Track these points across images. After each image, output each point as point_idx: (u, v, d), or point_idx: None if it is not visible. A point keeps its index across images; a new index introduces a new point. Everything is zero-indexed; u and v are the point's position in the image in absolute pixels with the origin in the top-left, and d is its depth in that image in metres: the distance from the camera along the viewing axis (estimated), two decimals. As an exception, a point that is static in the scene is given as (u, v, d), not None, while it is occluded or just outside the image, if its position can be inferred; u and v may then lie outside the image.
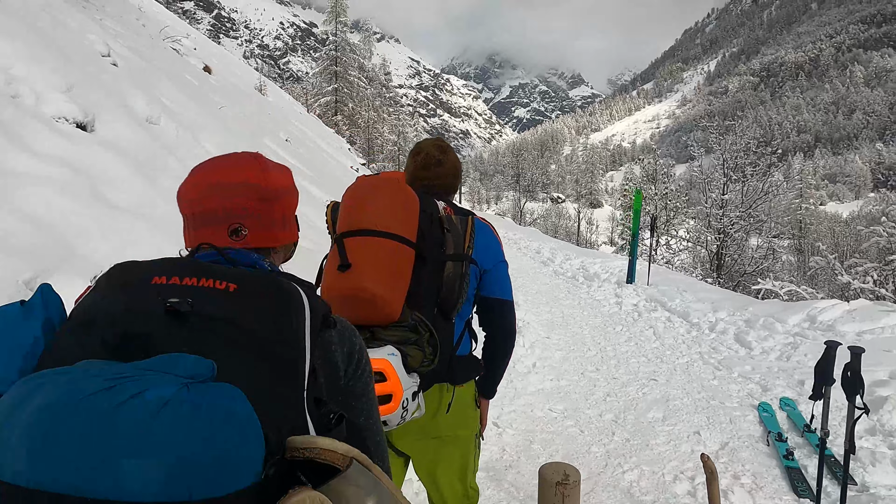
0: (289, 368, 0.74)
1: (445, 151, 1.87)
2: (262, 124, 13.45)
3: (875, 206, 78.36)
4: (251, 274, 0.81)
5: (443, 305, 1.61)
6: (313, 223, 7.03)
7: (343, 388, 0.88)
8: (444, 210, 1.67)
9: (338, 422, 0.78)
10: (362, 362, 0.92)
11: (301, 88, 54.99)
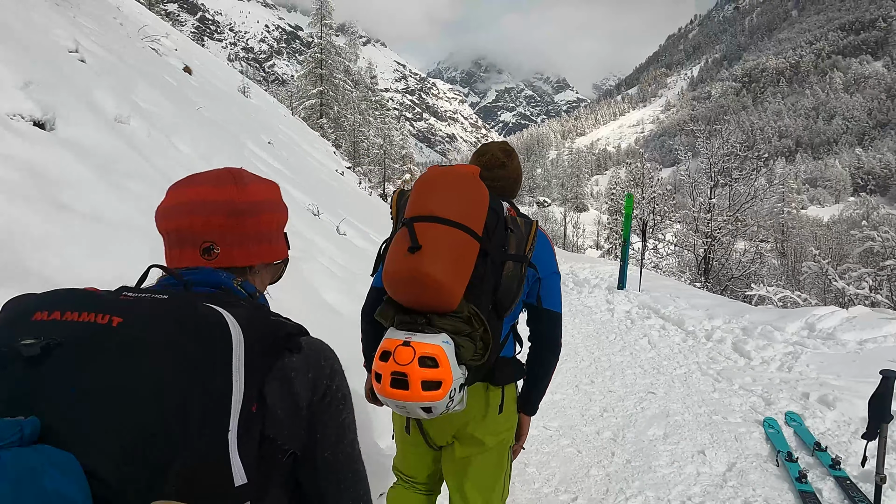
0: (184, 406, 0.65)
1: (510, 156, 1.93)
2: (243, 126, 13.09)
3: (856, 210, 79.63)
4: (158, 303, 0.73)
5: (497, 304, 1.59)
6: (296, 229, 6.72)
7: (306, 417, 0.81)
8: (508, 211, 1.68)
9: (286, 460, 0.74)
10: (332, 388, 0.84)
11: (286, 91, 54.48)
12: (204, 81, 16.88)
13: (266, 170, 9.27)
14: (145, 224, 4.19)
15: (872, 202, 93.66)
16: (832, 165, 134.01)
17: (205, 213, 0.87)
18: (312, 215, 8.74)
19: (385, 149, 48.09)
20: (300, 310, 4.25)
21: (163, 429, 0.63)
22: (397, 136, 57.18)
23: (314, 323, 4.01)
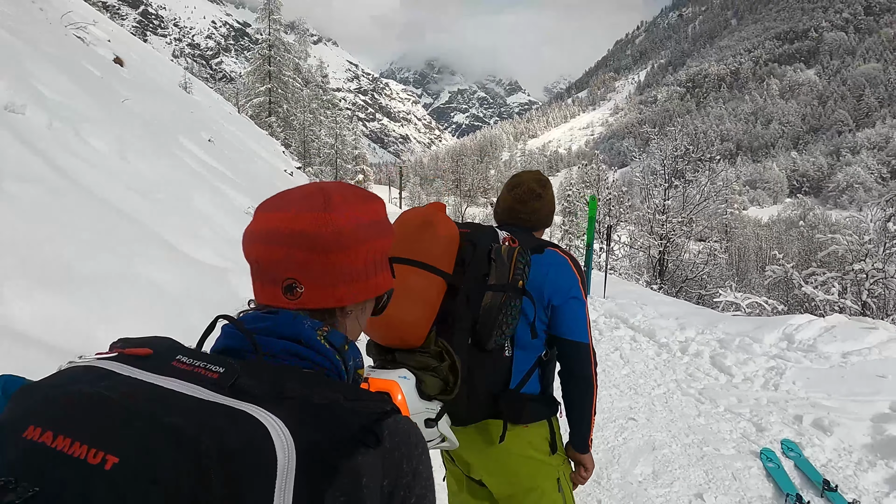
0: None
1: (545, 186, 1.88)
2: (181, 123, 12.08)
3: (793, 211, 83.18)
4: (191, 410, 0.55)
5: (476, 335, 1.55)
6: (230, 235, 5.94)
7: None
8: (505, 240, 1.63)
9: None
10: (413, 488, 0.65)
11: (233, 88, 52.56)
12: (138, 74, 15.67)
13: (201, 169, 8.41)
14: (26, 236, 3.40)
15: (808, 203, 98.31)
16: (770, 168, 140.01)
17: (285, 244, 0.72)
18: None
19: (337, 148, 46.95)
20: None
21: None
22: (350, 135, 56.05)
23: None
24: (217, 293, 4.12)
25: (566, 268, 1.69)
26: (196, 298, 3.82)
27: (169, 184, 5.98)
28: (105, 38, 17.84)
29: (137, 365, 0.60)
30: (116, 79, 11.14)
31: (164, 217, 4.96)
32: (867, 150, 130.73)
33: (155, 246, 4.16)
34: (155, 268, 3.75)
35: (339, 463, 0.56)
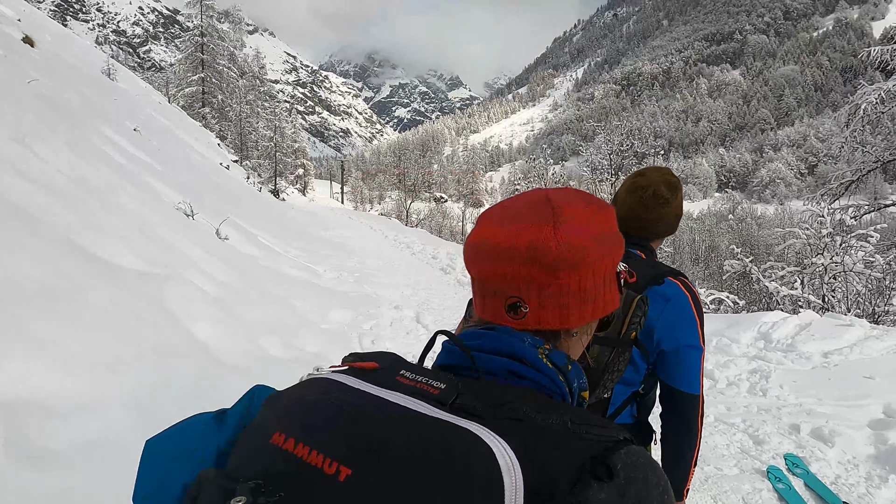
0: None
1: (675, 190, 1.63)
2: (101, 110, 10.92)
3: (723, 205, 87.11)
4: (412, 422, 0.55)
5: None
6: (158, 235, 5.17)
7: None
8: (622, 274, 1.23)
9: None
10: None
11: (163, 77, 49.82)
12: (53, 57, 14.21)
13: (123, 160, 7.49)
14: None
15: (737, 197, 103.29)
16: (700, 164, 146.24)
17: (511, 261, 0.66)
18: (185, 216, 7.11)
19: (276, 141, 45.26)
20: (145, 358, 2.87)
21: None
22: (289, 128, 54.26)
23: (172, 376, 2.58)
24: (143, 307, 3.42)
25: (685, 307, 1.46)
26: (113, 315, 3.11)
27: (84, 177, 5.14)
28: (14, 17, 16.22)
29: (366, 378, 0.62)
30: (24, 59, 9.91)
31: (75, 215, 4.18)
32: (787, 148, 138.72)
33: (61, 250, 3.41)
34: (60, 279, 3.02)
35: (568, 496, 0.51)
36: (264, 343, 4.32)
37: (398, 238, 19.49)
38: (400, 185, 73.17)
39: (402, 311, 7.12)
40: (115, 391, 2.49)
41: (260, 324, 4.63)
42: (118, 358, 2.74)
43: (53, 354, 2.43)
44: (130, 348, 2.89)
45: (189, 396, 2.80)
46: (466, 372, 0.65)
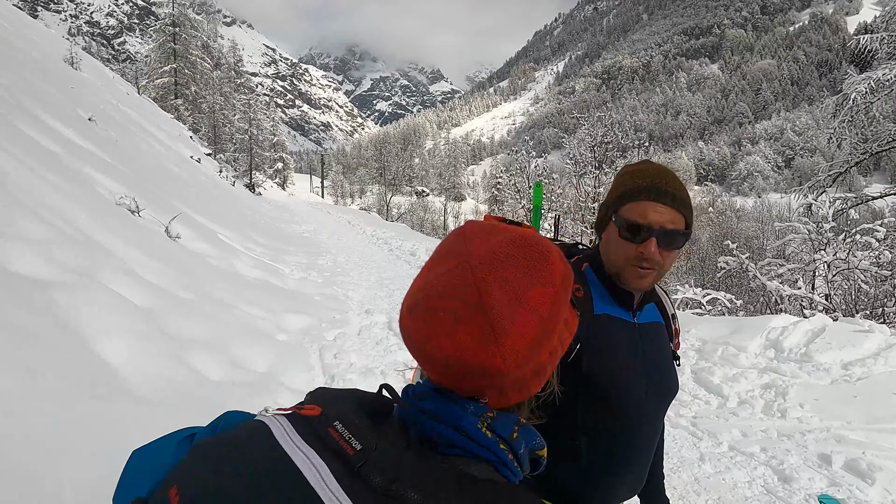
0: None
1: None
2: (43, 97, 10.01)
3: (703, 198, 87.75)
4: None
5: None
6: (85, 235, 4.42)
7: None
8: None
9: None
10: None
11: (135, 69, 48.26)
12: (2, 42, 13.23)
13: (58, 150, 6.67)
14: None
15: (716, 190, 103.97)
16: (679, 157, 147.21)
17: (460, 375, 0.62)
18: (128, 212, 6.34)
19: (251, 134, 44.07)
20: (13, 394, 2.18)
21: None
22: (267, 121, 53.00)
23: (44, 416, 1.89)
24: (26, 323, 2.70)
25: None
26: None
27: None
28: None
29: (299, 427, 0.60)
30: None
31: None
32: (765, 141, 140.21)
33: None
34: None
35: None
36: (197, 363, 3.62)
37: (376, 233, 18.75)
38: (381, 178, 72.23)
39: (373, 316, 6.44)
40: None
41: (196, 339, 3.92)
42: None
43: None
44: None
45: (57, 439, 2.10)
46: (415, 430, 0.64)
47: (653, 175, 1.23)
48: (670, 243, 1.18)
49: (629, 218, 1.20)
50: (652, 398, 1.27)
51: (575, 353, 1.23)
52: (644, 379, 1.26)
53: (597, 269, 1.29)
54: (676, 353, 1.38)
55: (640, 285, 1.22)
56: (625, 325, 1.27)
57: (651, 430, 1.29)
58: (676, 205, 1.19)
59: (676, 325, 1.42)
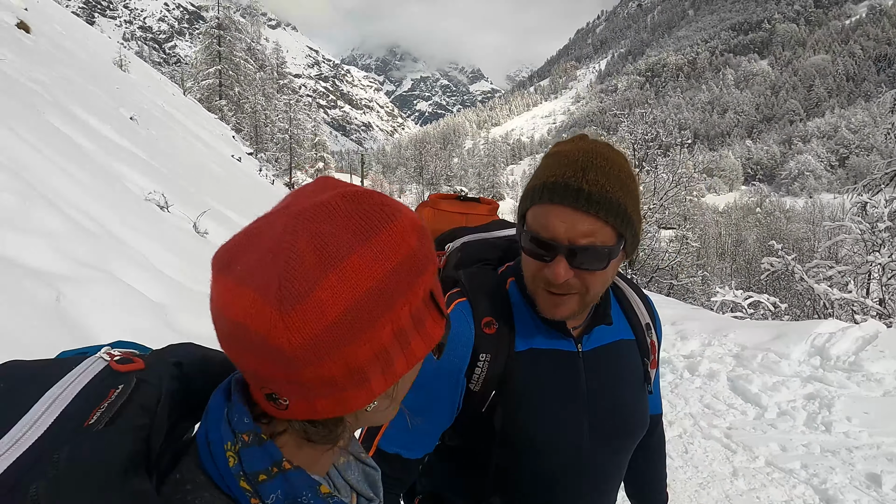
0: None
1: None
2: (85, 96, 10.30)
3: (750, 198, 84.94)
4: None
5: None
6: (100, 230, 4.44)
7: None
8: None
9: None
10: None
11: (182, 71, 49.79)
12: (50, 43, 13.72)
13: (92, 146, 6.80)
14: None
15: (765, 190, 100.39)
16: (726, 156, 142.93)
17: (241, 346, 0.47)
18: (157, 208, 6.40)
19: (291, 133, 44.79)
20: None
21: None
22: (309, 122, 53.82)
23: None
24: (20, 314, 2.67)
25: None
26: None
27: (17, 162, 4.43)
28: (20, 6, 15.79)
29: (98, 375, 0.50)
30: (7, 43, 9.32)
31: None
32: (817, 139, 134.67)
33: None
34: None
35: None
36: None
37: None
38: (419, 178, 72.56)
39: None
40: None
41: (203, 335, 3.85)
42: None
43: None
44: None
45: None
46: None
47: (570, 163, 0.88)
48: (588, 262, 0.88)
49: (532, 228, 0.91)
50: (599, 439, 1.01)
51: (489, 403, 0.98)
52: (586, 419, 1.00)
53: (523, 286, 1.00)
54: (647, 374, 1.09)
55: (556, 314, 0.94)
56: (560, 358, 1.00)
57: (601, 471, 1.04)
58: (597, 210, 0.85)
59: (652, 336, 1.12)
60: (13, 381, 0.47)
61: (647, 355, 1.09)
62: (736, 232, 50.00)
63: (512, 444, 0.97)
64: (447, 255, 1.19)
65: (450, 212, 1.33)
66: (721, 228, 53.63)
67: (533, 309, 0.98)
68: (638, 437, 1.07)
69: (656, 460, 1.30)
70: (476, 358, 0.96)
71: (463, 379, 0.97)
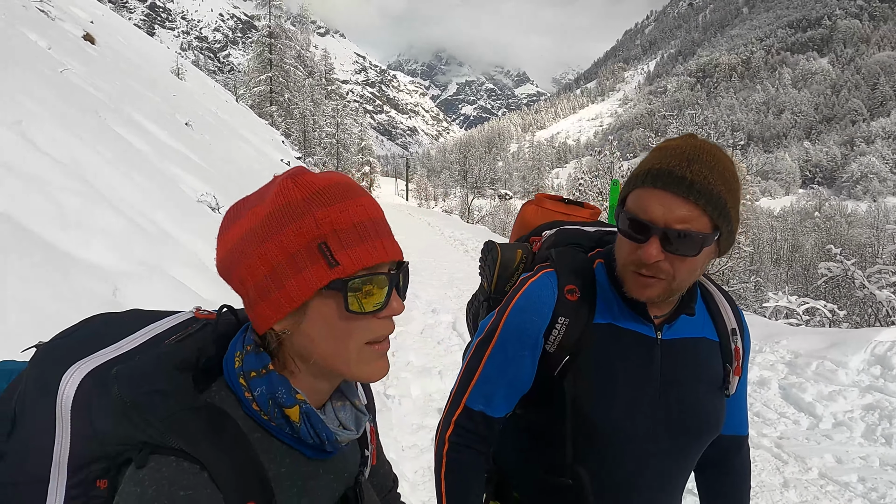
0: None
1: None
2: (145, 102, 10.79)
3: (808, 202, 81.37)
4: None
5: None
6: (155, 228, 4.64)
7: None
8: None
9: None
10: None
11: (234, 79, 51.48)
12: (112, 53, 14.43)
13: (148, 149, 7.11)
14: None
15: (824, 193, 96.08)
16: (782, 158, 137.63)
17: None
18: (208, 209, 6.64)
19: (338, 138, 45.63)
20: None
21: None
22: (356, 127, 54.73)
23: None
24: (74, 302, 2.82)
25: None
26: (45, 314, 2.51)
27: (79, 164, 4.69)
28: (87, 20, 16.68)
29: (183, 321, 0.76)
30: (73, 54, 9.86)
31: (49, 203, 3.67)
32: (882, 140, 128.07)
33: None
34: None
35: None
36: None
37: (454, 235, 18.78)
38: (463, 181, 72.68)
39: (439, 315, 6.36)
40: None
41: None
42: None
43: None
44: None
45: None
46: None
47: (676, 154, 0.93)
48: (680, 247, 0.91)
49: (630, 210, 0.95)
50: (667, 433, 1.02)
51: (561, 367, 1.02)
52: (657, 408, 1.01)
53: (611, 268, 1.05)
54: (728, 380, 1.08)
55: (642, 295, 0.97)
56: (638, 340, 1.03)
57: (665, 469, 1.04)
58: (696, 198, 0.89)
59: (738, 342, 1.10)
60: (133, 318, 0.73)
61: (730, 360, 1.09)
62: (792, 237, 48.02)
63: (585, 414, 1.00)
64: (543, 239, 1.25)
65: (552, 210, 1.38)
66: (776, 233, 51.68)
67: (618, 291, 1.02)
68: (706, 440, 1.07)
69: (741, 486, 1.24)
70: (555, 320, 1.03)
71: (541, 339, 1.04)
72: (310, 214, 0.63)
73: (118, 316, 0.74)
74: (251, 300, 0.66)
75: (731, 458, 1.19)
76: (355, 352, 0.66)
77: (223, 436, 0.61)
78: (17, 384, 0.68)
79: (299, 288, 0.63)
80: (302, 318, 0.65)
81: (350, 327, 0.65)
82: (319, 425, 0.66)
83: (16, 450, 0.64)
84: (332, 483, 0.72)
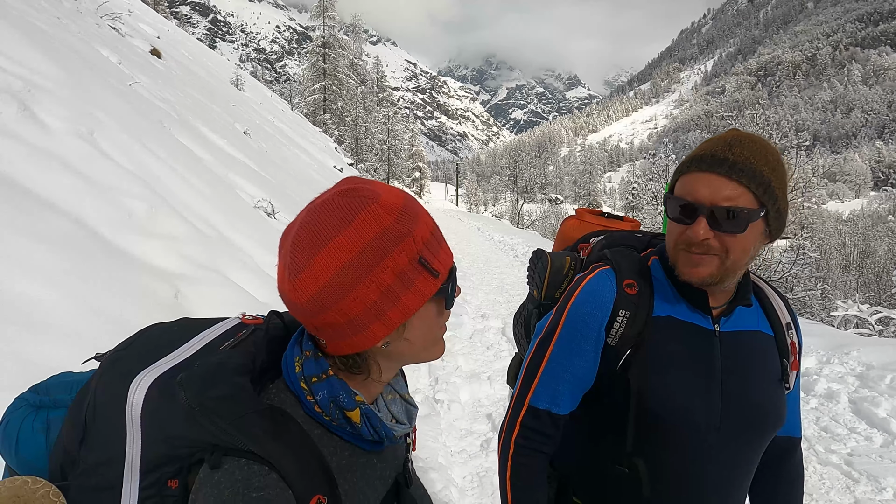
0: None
1: None
2: (208, 112, 11.26)
3: (881, 205, 76.66)
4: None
5: None
6: (214, 233, 4.82)
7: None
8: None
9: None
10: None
11: (290, 88, 53.03)
12: (177, 66, 15.12)
13: (211, 158, 7.41)
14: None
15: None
16: (851, 159, 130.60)
17: (287, 306, 0.71)
18: (265, 215, 6.85)
19: (389, 144, 46.24)
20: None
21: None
22: (406, 133, 55.39)
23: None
24: (142, 303, 2.95)
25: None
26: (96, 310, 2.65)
27: (145, 172, 4.93)
28: (153, 35, 17.53)
29: (235, 327, 0.79)
30: (142, 67, 10.40)
31: (115, 209, 3.87)
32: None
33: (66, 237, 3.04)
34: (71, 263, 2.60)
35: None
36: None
37: (504, 240, 18.70)
38: (513, 186, 72.33)
39: (488, 320, 6.33)
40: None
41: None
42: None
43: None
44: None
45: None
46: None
47: (719, 141, 0.99)
48: (727, 225, 0.94)
49: (677, 194, 0.99)
50: (730, 425, 1.01)
51: (624, 360, 1.03)
52: (719, 400, 1.01)
53: (666, 264, 1.07)
54: (787, 374, 1.09)
55: (693, 275, 0.99)
56: (698, 332, 1.04)
57: (728, 463, 1.03)
58: (738, 176, 0.94)
59: (793, 337, 1.12)
60: (183, 326, 0.77)
61: (787, 355, 1.10)
62: (863, 242, 45.36)
63: (648, 407, 1.01)
64: (591, 245, 1.28)
65: (593, 223, 1.42)
66: (845, 238, 48.98)
67: (675, 284, 1.06)
68: (769, 434, 1.07)
69: (791, 493, 1.21)
70: (616, 313, 1.05)
71: (603, 333, 1.06)
72: (409, 235, 0.66)
73: (170, 325, 0.78)
74: (357, 325, 0.66)
75: (783, 462, 1.17)
76: (439, 340, 0.74)
77: (288, 435, 0.65)
78: (85, 394, 0.72)
79: (411, 302, 0.67)
80: (404, 326, 0.69)
81: (441, 321, 0.73)
82: (378, 424, 0.71)
83: (89, 457, 0.69)
84: (385, 471, 0.76)
